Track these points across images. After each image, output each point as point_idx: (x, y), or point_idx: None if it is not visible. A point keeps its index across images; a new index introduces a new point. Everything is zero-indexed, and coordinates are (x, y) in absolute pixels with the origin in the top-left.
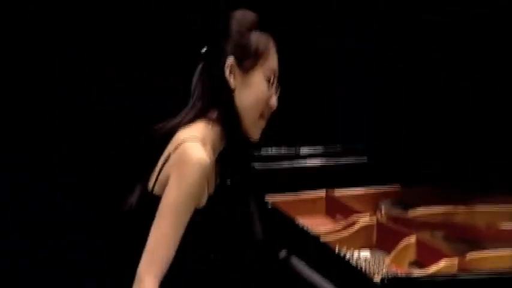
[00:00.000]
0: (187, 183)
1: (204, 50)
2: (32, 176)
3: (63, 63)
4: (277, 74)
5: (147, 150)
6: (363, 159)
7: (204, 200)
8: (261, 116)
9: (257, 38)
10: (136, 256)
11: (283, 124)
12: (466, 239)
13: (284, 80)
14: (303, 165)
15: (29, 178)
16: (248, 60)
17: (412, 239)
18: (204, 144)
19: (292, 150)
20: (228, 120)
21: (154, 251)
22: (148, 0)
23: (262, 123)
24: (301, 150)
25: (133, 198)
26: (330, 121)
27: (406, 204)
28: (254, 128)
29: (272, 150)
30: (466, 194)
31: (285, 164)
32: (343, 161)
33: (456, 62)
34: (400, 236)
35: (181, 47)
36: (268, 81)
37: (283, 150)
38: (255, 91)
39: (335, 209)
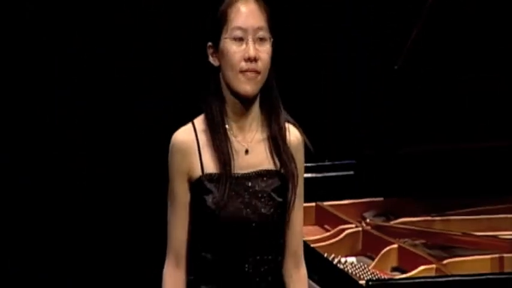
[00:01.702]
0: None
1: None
2: (32, 176)
3: (63, 63)
4: (249, 26)
5: None
6: (350, 173)
7: (195, 173)
8: (241, 71)
9: (220, 8)
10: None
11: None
12: (444, 246)
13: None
14: None
15: (29, 178)
16: (216, 34)
17: (394, 246)
18: (198, 124)
19: None
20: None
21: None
22: (148, 0)
23: (247, 77)
24: None
25: None
26: (327, 100)
27: (389, 214)
28: (237, 82)
29: None
30: (443, 204)
31: None
32: (332, 174)
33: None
34: (383, 244)
35: (181, 47)
36: (236, 39)
37: None
38: (225, 57)
39: (324, 219)
